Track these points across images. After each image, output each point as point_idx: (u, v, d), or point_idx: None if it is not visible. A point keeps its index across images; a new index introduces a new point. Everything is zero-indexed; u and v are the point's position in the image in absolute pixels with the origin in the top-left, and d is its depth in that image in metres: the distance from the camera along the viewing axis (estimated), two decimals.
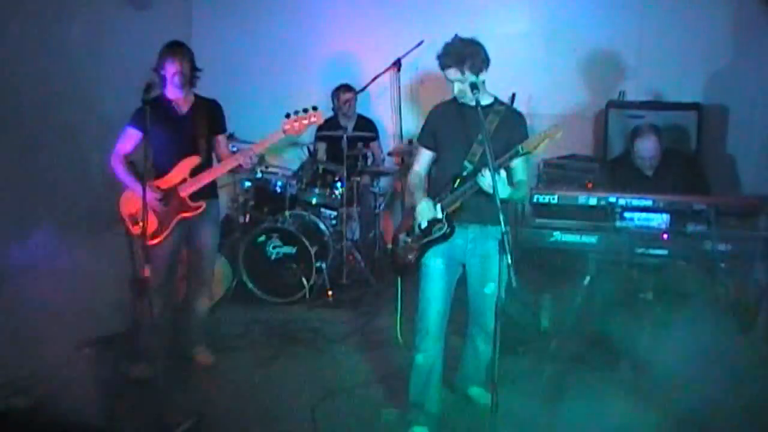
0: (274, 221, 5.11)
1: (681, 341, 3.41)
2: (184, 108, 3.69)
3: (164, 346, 3.70)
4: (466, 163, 3.13)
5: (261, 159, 5.49)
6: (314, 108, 3.63)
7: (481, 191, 3.01)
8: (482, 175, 2.96)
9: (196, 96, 3.75)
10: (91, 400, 3.37)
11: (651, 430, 3.26)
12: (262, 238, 5.02)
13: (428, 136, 3.32)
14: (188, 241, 3.79)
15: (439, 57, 3.12)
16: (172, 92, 3.65)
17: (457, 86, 3.11)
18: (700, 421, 3.21)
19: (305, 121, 3.59)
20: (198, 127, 3.63)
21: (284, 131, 3.59)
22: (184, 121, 3.66)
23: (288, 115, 3.60)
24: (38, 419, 3.18)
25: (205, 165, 3.69)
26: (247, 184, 5.40)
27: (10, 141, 3.91)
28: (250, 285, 5.01)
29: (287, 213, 5.14)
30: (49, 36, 4.21)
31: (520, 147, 2.99)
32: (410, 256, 3.26)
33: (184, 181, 3.62)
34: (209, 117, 3.71)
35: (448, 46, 3.11)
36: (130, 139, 3.66)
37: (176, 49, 3.60)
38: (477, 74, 3.06)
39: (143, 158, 3.33)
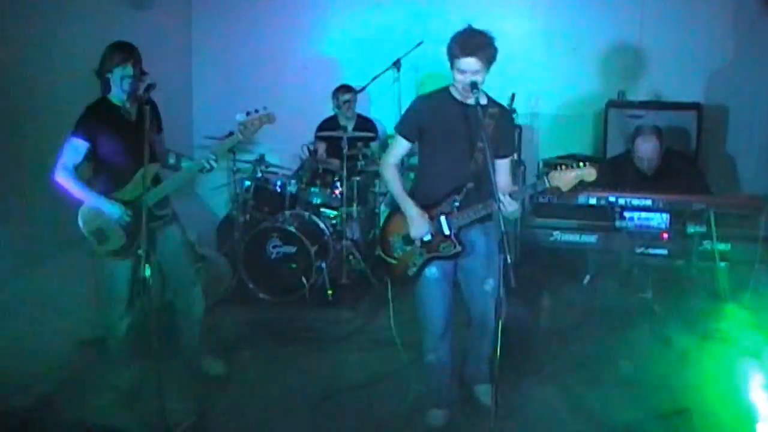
0: (274, 221, 5.10)
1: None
2: (132, 113, 3.40)
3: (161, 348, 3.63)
4: (471, 167, 3.02)
5: (261, 158, 5.50)
6: (264, 108, 3.44)
7: (483, 193, 3.01)
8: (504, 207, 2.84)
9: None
10: (91, 399, 3.38)
11: (651, 429, 3.26)
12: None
13: (412, 126, 3.10)
14: (155, 248, 3.51)
15: (455, 45, 2.92)
16: (119, 97, 3.36)
17: (468, 78, 2.90)
18: (699, 420, 3.22)
19: (257, 122, 3.41)
20: (148, 132, 3.18)
21: (241, 132, 3.43)
22: (135, 128, 3.33)
23: (248, 113, 3.45)
24: (38, 419, 3.19)
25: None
26: (247, 183, 5.39)
27: (11, 140, 3.91)
28: (250, 285, 5.01)
29: (287, 213, 5.14)
30: (50, 36, 4.21)
31: (547, 179, 2.88)
32: (412, 270, 3.14)
33: (147, 190, 3.28)
34: (152, 119, 3.30)
35: (466, 34, 2.93)
36: (79, 150, 3.32)
37: (127, 51, 3.31)
38: (489, 67, 2.93)
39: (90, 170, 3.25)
